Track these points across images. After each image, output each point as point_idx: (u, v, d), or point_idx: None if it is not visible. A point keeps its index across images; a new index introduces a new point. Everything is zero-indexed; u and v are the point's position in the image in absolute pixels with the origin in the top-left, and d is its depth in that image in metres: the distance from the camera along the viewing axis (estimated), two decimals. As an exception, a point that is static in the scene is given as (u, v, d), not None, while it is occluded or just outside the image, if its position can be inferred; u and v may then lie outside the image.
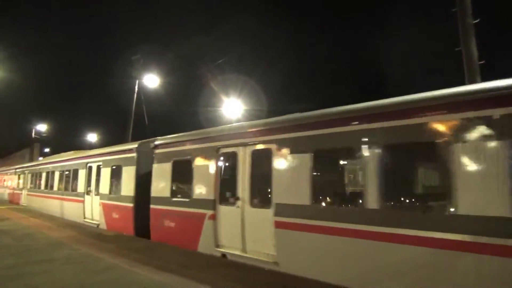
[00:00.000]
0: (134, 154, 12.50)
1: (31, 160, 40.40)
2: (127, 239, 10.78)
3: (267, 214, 7.55)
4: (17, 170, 29.82)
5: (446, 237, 5.11)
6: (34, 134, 47.84)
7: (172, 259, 8.03)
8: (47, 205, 20.20)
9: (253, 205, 8.09)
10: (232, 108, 24.61)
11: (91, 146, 39.92)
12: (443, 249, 5.09)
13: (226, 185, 8.92)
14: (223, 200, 8.85)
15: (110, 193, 13.57)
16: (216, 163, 9.14)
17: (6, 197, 33.11)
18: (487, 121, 4.96)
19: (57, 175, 19.48)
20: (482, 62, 9.10)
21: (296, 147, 7.30)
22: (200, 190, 9.45)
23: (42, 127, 48.27)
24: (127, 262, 7.66)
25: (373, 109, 6.28)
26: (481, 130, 5.01)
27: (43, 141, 50.27)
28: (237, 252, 8.25)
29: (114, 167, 13.62)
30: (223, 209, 8.76)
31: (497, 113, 4.86)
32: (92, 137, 49.79)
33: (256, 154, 8.29)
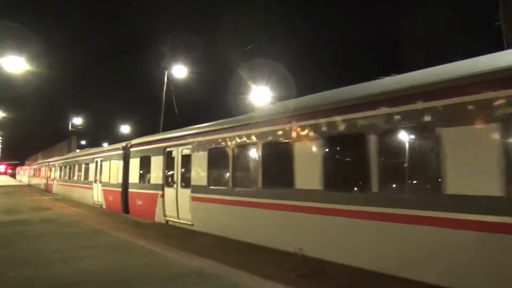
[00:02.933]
0: (121, 152, 15.99)
1: (69, 152, 41.87)
2: (161, 226, 11.81)
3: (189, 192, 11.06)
4: (50, 163, 33.76)
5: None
6: (71, 127, 49.49)
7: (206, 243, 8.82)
8: (70, 192, 24.26)
9: (182, 186, 11.56)
10: (260, 95, 24.23)
11: (125, 137, 39.93)
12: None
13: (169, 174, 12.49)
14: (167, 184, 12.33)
15: (108, 181, 17.19)
16: (164, 159, 12.59)
17: (42, 186, 36.69)
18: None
19: (76, 167, 23.66)
20: None
21: (200, 148, 10.74)
22: (154, 176, 13.07)
23: (78, 120, 49.89)
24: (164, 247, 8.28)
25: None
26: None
27: (79, 133, 51.95)
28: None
29: (110, 161, 17.28)
30: (167, 190, 12.27)
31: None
32: (125, 128, 50.56)
33: (184, 152, 11.68)
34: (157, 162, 12.88)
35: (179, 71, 23.15)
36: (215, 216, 9.87)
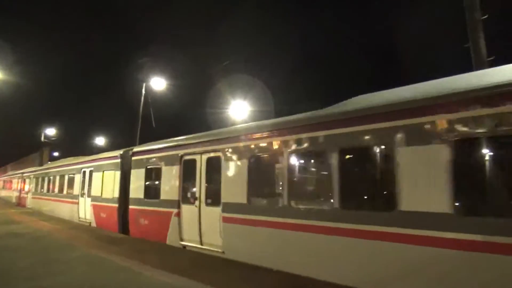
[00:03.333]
0: (118, 161, 13.46)
1: (41, 164, 40.10)
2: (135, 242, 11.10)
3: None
4: (24, 174, 30.16)
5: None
6: (44, 138, 47.44)
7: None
8: (49, 206, 21.10)
9: (207, 204, 9.35)
10: (239, 109, 24.78)
11: (99, 150, 39.64)
12: None
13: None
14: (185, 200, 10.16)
15: (100, 195, 14.54)
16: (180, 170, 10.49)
17: (14, 200, 33.15)
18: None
19: (56, 179, 20.52)
20: (491, 58, 9.04)
21: (235, 155, 8.71)
22: (166, 191, 10.90)
23: (51, 131, 47.92)
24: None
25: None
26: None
27: (52, 144, 49.96)
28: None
29: (102, 172, 14.64)
30: (185, 208, 10.06)
31: None
32: (100, 140, 49.29)
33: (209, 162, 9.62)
34: (170, 173, 10.59)
35: (157, 83, 23.22)
36: (260, 243, 7.73)
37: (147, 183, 11.74)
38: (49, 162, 30.04)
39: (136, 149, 12.74)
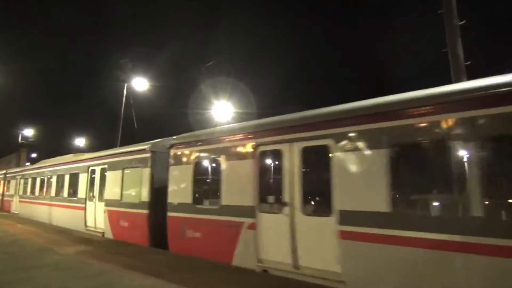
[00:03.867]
0: (148, 155, 10.53)
1: (18, 165, 38.65)
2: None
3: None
4: (7, 175, 26.49)
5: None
6: (21, 139, 46.12)
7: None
8: (42, 212, 17.90)
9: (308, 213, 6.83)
10: (222, 110, 24.42)
11: (79, 151, 37.35)
12: None
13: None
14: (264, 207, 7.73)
15: (120, 198, 11.56)
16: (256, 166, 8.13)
17: None
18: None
19: (53, 179, 17.29)
20: (468, 63, 9.34)
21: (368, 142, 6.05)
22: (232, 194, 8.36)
23: (29, 132, 46.75)
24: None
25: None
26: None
27: (30, 146, 48.68)
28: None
29: (122, 170, 11.73)
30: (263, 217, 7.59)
31: None
32: (80, 141, 47.52)
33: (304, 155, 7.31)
34: (237, 170, 7.91)
35: (139, 84, 22.60)
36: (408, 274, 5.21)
37: (197, 183, 8.95)
38: (43, 160, 25.37)
39: (177, 140, 9.82)
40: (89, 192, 13.33)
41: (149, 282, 6.28)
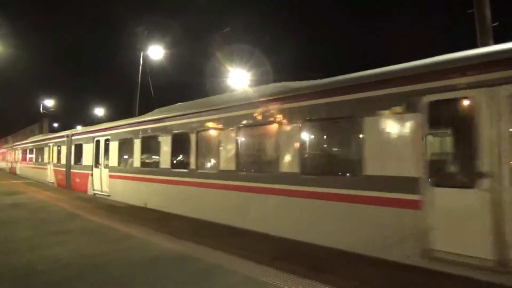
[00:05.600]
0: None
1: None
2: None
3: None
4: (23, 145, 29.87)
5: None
6: (42, 109, 47.96)
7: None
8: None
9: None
10: (238, 78, 24.36)
11: (98, 120, 40.80)
12: None
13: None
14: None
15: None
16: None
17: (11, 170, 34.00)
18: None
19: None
20: (495, 24, 8.98)
21: None
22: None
23: (49, 102, 48.55)
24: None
25: None
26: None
27: (51, 115, 50.73)
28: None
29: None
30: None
31: None
32: (99, 111, 50.24)
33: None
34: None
35: (155, 52, 22.63)
36: None
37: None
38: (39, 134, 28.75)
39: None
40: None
41: (170, 245, 6.55)
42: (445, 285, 4.61)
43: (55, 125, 55.86)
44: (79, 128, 22.31)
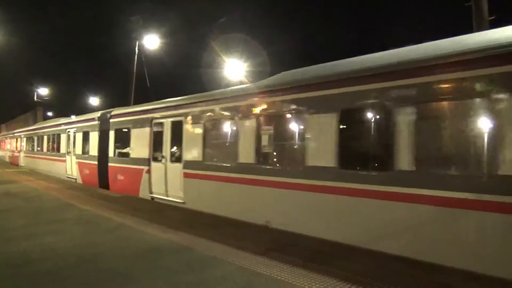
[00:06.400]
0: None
1: (35, 123, 38.08)
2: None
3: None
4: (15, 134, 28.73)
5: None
6: (36, 98, 47.17)
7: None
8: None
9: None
10: (234, 69, 24.10)
11: (93, 109, 39.32)
12: None
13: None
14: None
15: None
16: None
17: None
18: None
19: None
20: (492, 17, 9.05)
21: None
22: None
23: (44, 91, 47.56)
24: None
25: None
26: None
27: (46, 104, 49.93)
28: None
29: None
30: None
31: None
32: (94, 100, 48.64)
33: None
34: None
35: (151, 41, 22.35)
36: None
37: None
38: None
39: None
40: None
41: (164, 236, 6.58)
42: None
43: (50, 113, 55.47)
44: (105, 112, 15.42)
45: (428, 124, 5.62)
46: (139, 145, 11.96)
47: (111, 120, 13.95)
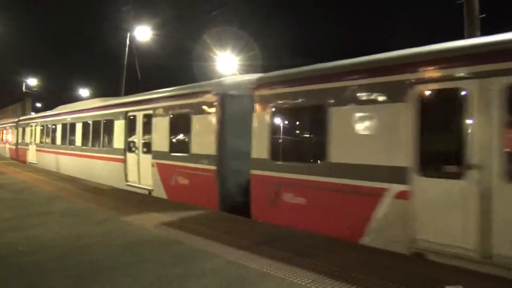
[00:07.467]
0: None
1: (23, 114, 37.56)
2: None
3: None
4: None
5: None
6: (25, 89, 46.97)
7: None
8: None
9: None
10: (226, 62, 24.02)
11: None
12: None
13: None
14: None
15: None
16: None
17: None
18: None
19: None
20: (482, 15, 9.07)
21: None
22: None
23: (32, 82, 47.44)
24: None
25: None
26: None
27: (34, 95, 49.92)
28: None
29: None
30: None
31: None
32: (84, 92, 48.91)
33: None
34: None
35: (142, 33, 21.96)
36: None
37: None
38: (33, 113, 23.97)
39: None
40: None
41: (154, 229, 6.61)
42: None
43: (39, 105, 54.81)
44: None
45: None
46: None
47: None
